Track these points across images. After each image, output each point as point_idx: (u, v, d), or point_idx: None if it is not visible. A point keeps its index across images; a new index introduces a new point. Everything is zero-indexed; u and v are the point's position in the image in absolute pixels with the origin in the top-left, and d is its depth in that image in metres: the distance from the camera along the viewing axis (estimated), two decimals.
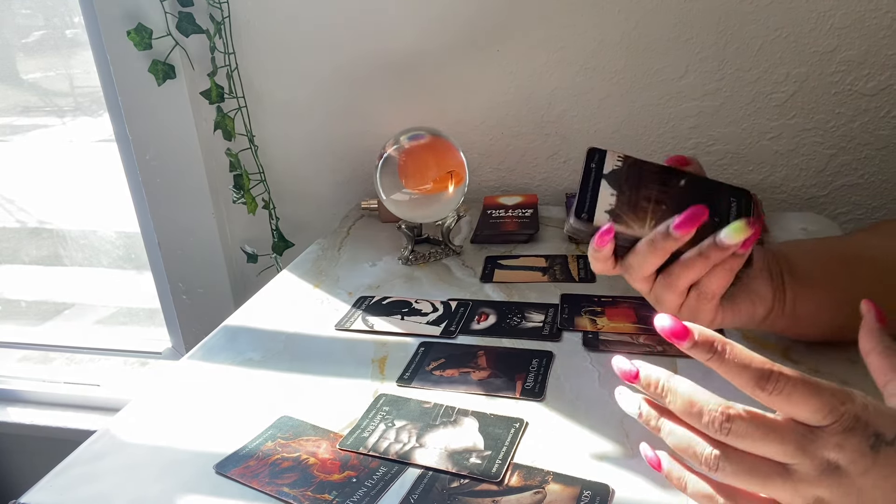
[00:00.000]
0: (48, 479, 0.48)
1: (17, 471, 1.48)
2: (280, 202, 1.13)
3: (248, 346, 0.64)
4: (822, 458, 0.32)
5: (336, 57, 1.02)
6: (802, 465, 0.33)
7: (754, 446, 0.33)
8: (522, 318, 0.65)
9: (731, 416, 0.33)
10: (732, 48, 0.88)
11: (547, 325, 0.63)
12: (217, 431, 0.51)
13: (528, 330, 0.63)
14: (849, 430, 0.32)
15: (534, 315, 0.65)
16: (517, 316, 0.65)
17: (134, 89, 1.08)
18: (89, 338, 1.46)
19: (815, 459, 0.32)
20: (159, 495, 0.45)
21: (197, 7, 1.00)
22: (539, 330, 0.63)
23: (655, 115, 0.94)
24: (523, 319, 0.65)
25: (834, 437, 0.32)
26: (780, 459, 0.33)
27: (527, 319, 0.65)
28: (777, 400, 0.33)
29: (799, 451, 0.33)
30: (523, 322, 0.64)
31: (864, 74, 0.85)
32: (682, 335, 0.35)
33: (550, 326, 0.63)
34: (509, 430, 0.49)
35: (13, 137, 1.47)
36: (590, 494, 0.42)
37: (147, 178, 1.14)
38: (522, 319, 0.65)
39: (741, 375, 0.34)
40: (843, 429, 0.32)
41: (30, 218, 1.56)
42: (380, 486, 0.44)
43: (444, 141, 0.79)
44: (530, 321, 0.64)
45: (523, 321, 0.64)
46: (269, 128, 1.09)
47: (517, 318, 0.65)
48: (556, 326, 0.63)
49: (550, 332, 0.62)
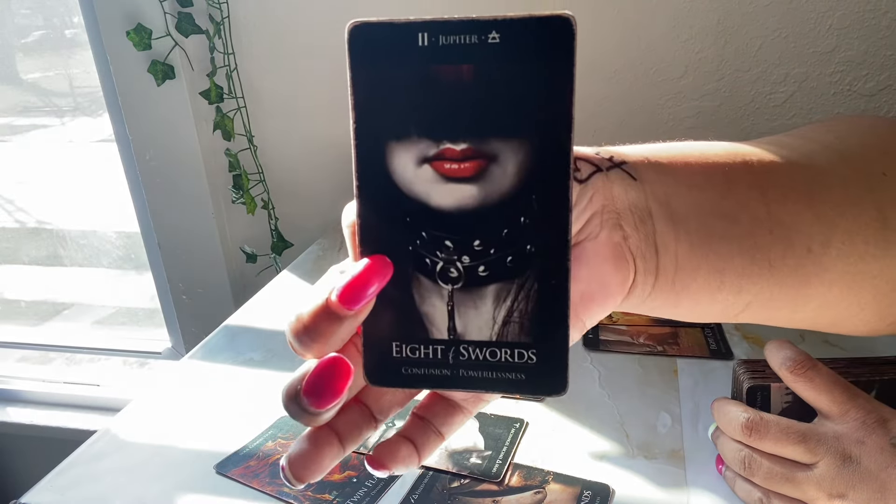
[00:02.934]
0: (48, 479, 0.48)
1: (17, 471, 1.48)
2: (279, 202, 1.13)
3: (249, 346, 0.64)
4: (844, 453, 0.33)
5: (336, 57, 1.01)
6: (825, 461, 0.34)
7: (776, 446, 0.35)
8: None
9: (754, 419, 0.36)
10: (732, 48, 0.88)
11: None
12: (217, 431, 0.51)
13: None
14: (871, 427, 0.33)
15: None
16: None
17: (133, 89, 1.07)
18: (89, 338, 1.46)
19: (837, 456, 0.34)
20: (159, 495, 0.45)
21: (196, 7, 1.00)
22: None
23: (655, 115, 0.94)
24: None
25: (856, 432, 0.33)
26: (802, 459, 0.35)
27: None
28: (801, 382, 0.35)
29: (821, 448, 0.34)
30: None
31: (863, 75, 0.85)
32: None
33: None
34: (510, 430, 0.49)
35: (13, 137, 1.47)
36: (590, 494, 0.42)
37: (147, 178, 1.14)
38: None
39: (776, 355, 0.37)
40: (866, 426, 0.33)
41: (29, 218, 1.56)
42: (380, 485, 0.44)
43: None
44: None
45: None
46: (269, 128, 1.09)
47: None
48: None
49: None
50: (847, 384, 0.35)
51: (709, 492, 0.42)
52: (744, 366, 0.41)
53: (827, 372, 0.36)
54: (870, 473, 0.33)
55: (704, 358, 0.56)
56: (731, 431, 0.38)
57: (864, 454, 0.33)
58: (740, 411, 0.37)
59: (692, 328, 0.61)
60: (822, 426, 0.35)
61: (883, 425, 0.33)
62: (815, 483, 0.34)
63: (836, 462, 0.33)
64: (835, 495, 0.34)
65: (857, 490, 0.33)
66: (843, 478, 0.33)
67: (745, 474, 0.37)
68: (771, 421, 0.36)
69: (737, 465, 0.38)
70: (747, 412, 0.37)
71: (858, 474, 0.33)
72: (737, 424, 0.37)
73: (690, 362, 0.56)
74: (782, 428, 0.35)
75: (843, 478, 0.33)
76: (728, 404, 0.39)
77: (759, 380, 0.40)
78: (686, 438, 0.46)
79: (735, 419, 0.37)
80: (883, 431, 0.33)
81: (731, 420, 0.38)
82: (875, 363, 0.40)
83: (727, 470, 0.40)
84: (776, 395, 0.40)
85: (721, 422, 0.39)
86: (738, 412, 0.37)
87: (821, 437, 0.34)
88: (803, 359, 0.36)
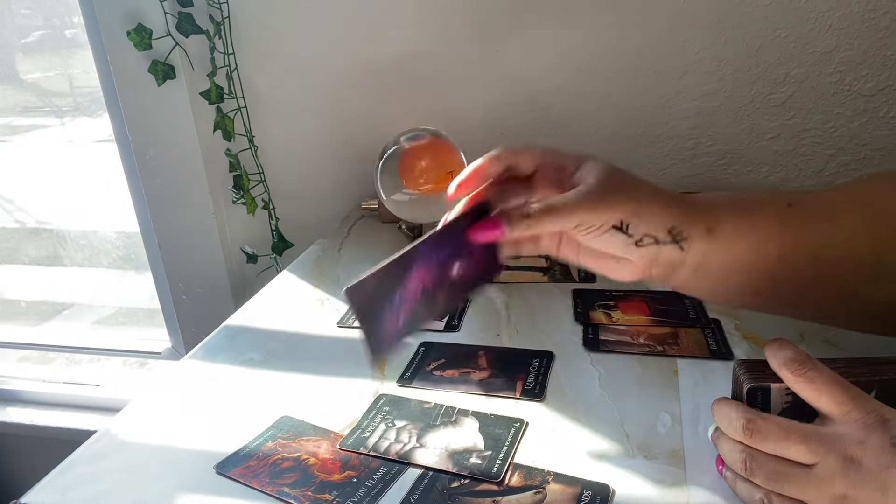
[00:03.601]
0: (49, 479, 0.48)
1: (17, 471, 1.48)
2: (280, 202, 1.13)
3: (249, 347, 0.64)
4: (845, 454, 0.33)
5: (336, 57, 1.02)
6: (825, 462, 0.34)
7: (777, 447, 0.35)
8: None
9: (754, 419, 0.36)
10: (731, 48, 0.88)
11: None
12: (217, 431, 0.51)
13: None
14: (872, 427, 0.33)
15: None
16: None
17: (134, 89, 1.08)
18: (89, 338, 1.46)
19: (838, 456, 0.33)
20: (159, 495, 0.45)
21: (197, 7, 1.00)
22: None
23: (655, 115, 0.94)
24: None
25: (857, 433, 0.33)
26: (803, 460, 0.35)
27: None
28: (801, 383, 0.35)
29: (821, 448, 0.34)
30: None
31: (862, 75, 0.85)
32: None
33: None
34: (509, 430, 0.49)
35: (13, 137, 1.47)
36: (590, 494, 0.42)
37: (147, 178, 1.14)
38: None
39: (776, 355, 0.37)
40: (867, 425, 0.33)
41: (29, 218, 1.56)
42: (380, 486, 0.44)
43: (444, 141, 0.79)
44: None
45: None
46: (269, 128, 1.09)
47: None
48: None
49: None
50: (847, 384, 0.35)
51: (709, 492, 0.42)
52: (744, 366, 0.41)
53: (828, 372, 0.36)
54: (871, 473, 0.33)
55: (704, 358, 0.56)
56: (732, 433, 0.38)
57: (865, 454, 0.33)
58: (740, 413, 0.37)
59: (692, 328, 0.61)
60: (823, 426, 0.35)
61: (883, 425, 0.33)
62: (816, 484, 0.34)
63: (838, 462, 0.33)
64: (836, 496, 0.34)
65: (859, 490, 0.33)
66: (845, 478, 0.33)
67: (746, 475, 0.37)
68: (771, 422, 0.36)
69: (737, 466, 0.38)
70: (748, 413, 0.37)
71: (860, 474, 0.33)
72: (737, 426, 0.37)
73: (690, 362, 0.56)
74: (783, 429, 0.35)
75: (845, 478, 0.33)
76: (728, 405, 0.39)
77: (759, 380, 0.40)
78: (686, 438, 0.46)
79: (735, 420, 0.37)
80: (884, 431, 0.33)
81: (731, 421, 0.38)
82: (875, 363, 0.40)
83: (727, 470, 0.40)
84: (776, 395, 0.40)
85: (721, 423, 0.39)
86: (738, 413, 0.37)
87: (822, 438, 0.34)
88: (803, 359, 0.36)
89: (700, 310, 0.64)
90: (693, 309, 0.64)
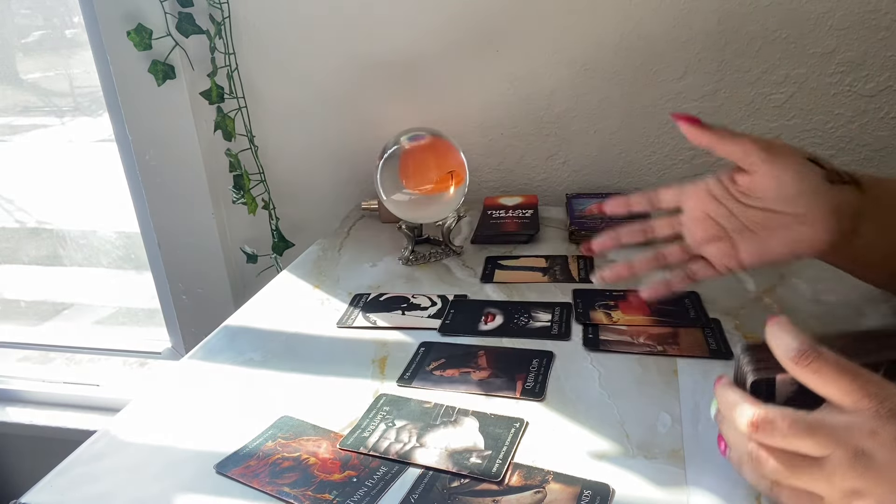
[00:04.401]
0: (48, 479, 0.48)
1: (17, 471, 1.48)
2: (280, 202, 1.13)
3: (249, 346, 0.64)
4: (856, 447, 0.32)
5: (336, 57, 1.02)
6: (835, 455, 0.32)
7: (786, 440, 0.34)
8: (530, 318, 0.65)
9: (763, 413, 0.35)
10: (731, 49, 0.88)
11: (555, 325, 0.63)
12: (217, 431, 0.51)
13: (537, 330, 0.63)
14: (885, 417, 0.32)
15: (541, 314, 0.66)
16: (524, 316, 0.66)
17: (134, 89, 1.08)
18: (89, 338, 1.46)
19: (848, 448, 0.32)
20: (159, 495, 0.45)
21: (197, 7, 1.00)
22: (548, 329, 0.63)
23: (655, 115, 0.94)
24: (531, 319, 0.65)
25: (869, 423, 0.32)
26: (813, 452, 0.33)
27: (534, 319, 0.65)
28: (808, 374, 0.34)
29: (831, 440, 0.32)
30: (531, 322, 0.64)
31: (862, 75, 0.86)
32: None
33: (559, 325, 0.63)
34: (510, 429, 0.49)
35: (13, 137, 1.47)
36: (590, 494, 0.42)
37: (147, 178, 1.14)
38: (530, 319, 0.65)
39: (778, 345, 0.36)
40: (879, 416, 0.32)
41: (29, 218, 1.56)
42: (380, 485, 0.44)
43: (444, 141, 0.79)
44: (538, 321, 0.64)
45: (531, 321, 0.64)
46: (269, 128, 1.09)
47: (525, 319, 0.65)
48: (564, 325, 0.63)
49: (560, 332, 0.62)
50: (856, 370, 0.33)
51: (709, 492, 0.42)
52: (748, 354, 0.39)
53: (834, 360, 0.34)
54: (884, 467, 0.31)
55: (704, 358, 0.56)
56: (737, 426, 0.37)
57: (878, 447, 0.31)
58: (745, 406, 0.36)
59: (692, 328, 0.61)
60: (832, 416, 0.33)
61: None
62: (826, 477, 0.33)
63: (848, 455, 0.32)
64: (848, 490, 0.32)
65: (872, 485, 0.31)
66: (856, 472, 0.32)
67: (752, 468, 0.36)
68: (777, 416, 0.34)
69: (743, 458, 0.37)
70: (752, 407, 0.35)
71: (872, 469, 0.31)
72: (743, 420, 0.35)
73: (690, 362, 0.56)
74: (789, 422, 0.34)
75: (856, 472, 0.32)
76: (732, 393, 0.38)
77: (764, 371, 0.38)
78: (686, 438, 0.46)
79: (741, 415, 0.36)
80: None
81: (736, 416, 0.36)
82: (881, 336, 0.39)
83: (732, 451, 0.39)
84: (781, 385, 0.38)
85: (725, 411, 0.38)
86: (742, 408, 0.36)
87: (831, 429, 0.33)
88: (808, 348, 0.34)
89: (700, 310, 0.64)
90: (693, 309, 0.64)
